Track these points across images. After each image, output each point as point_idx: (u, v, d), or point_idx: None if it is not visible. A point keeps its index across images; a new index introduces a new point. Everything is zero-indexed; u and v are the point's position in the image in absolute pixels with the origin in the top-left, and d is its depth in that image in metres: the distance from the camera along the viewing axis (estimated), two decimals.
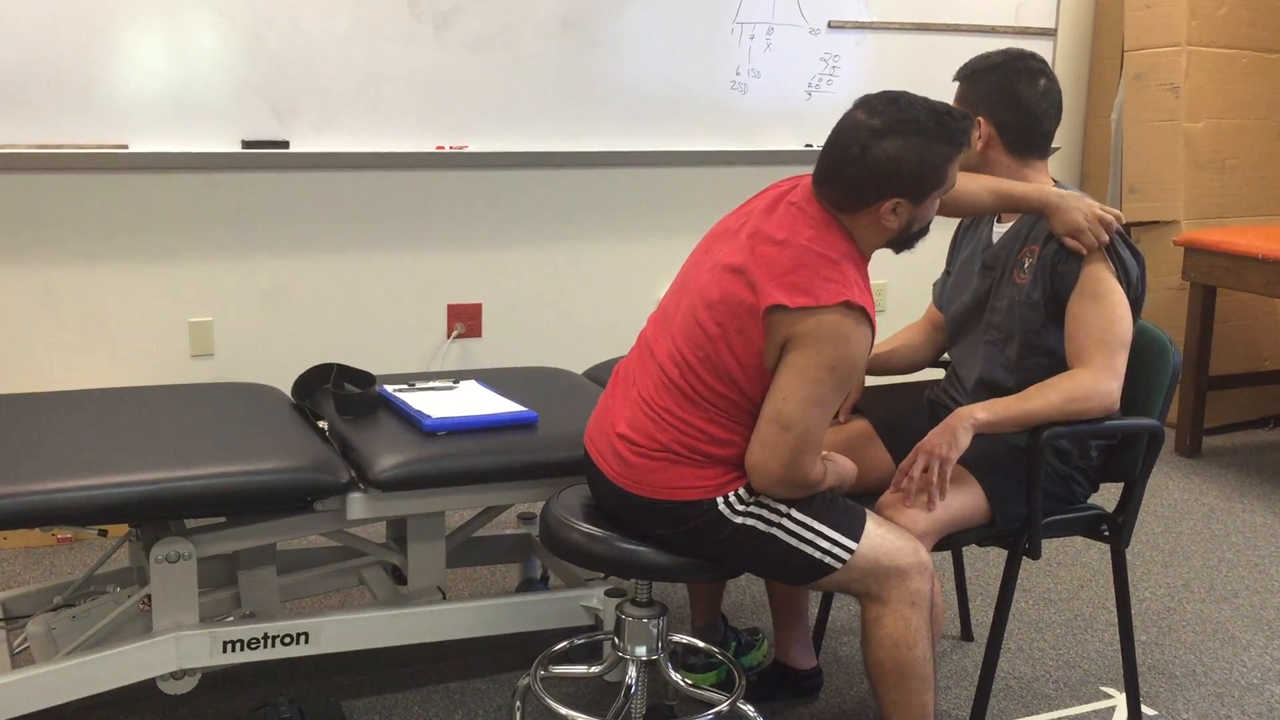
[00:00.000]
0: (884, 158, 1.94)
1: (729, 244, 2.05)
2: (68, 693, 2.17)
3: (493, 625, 2.48)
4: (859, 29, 4.04)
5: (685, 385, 2.02)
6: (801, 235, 1.98)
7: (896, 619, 2.05)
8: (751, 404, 2.00)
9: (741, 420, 2.01)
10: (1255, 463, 4.27)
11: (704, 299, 2.03)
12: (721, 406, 2.00)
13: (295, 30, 3.34)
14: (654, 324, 2.15)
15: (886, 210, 1.98)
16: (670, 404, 2.03)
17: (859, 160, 1.94)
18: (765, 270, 1.96)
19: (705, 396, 2.00)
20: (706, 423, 2.01)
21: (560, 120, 3.70)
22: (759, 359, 1.96)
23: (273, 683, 2.59)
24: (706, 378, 2.00)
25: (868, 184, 1.95)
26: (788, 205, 2.03)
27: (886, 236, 2.03)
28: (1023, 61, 2.32)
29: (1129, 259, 2.22)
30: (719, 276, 2.02)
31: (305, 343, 3.60)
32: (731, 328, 1.98)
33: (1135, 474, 2.34)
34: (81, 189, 3.28)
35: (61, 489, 2.07)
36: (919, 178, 1.96)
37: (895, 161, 1.94)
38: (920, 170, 1.95)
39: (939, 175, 1.98)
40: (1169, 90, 4.40)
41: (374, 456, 2.30)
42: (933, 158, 1.96)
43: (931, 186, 1.99)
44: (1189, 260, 4.18)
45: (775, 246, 1.98)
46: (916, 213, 2.01)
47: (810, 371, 1.92)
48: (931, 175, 1.97)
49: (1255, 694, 2.69)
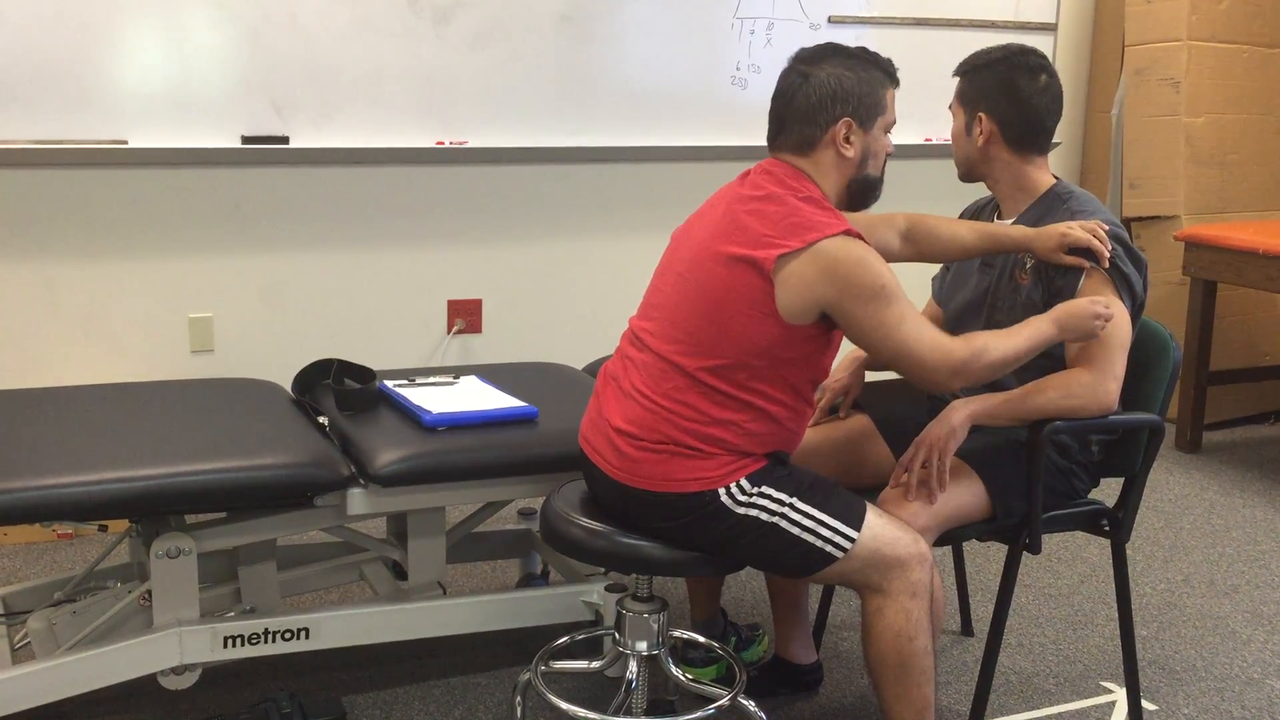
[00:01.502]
0: (826, 77, 2.06)
1: (707, 221, 2.10)
2: (68, 688, 2.17)
3: (493, 620, 2.48)
4: (859, 24, 4.04)
5: (682, 363, 2.02)
6: (781, 187, 2.04)
7: (897, 610, 2.05)
8: (752, 365, 2.00)
9: (740, 392, 2.01)
10: (1256, 458, 4.27)
11: (695, 271, 2.04)
12: (721, 379, 2.00)
13: (295, 25, 3.34)
14: (638, 318, 2.16)
15: (840, 136, 2.06)
16: (668, 388, 2.03)
17: (802, 88, 2.07)
18: (762, 222, 2.01)
19: (714, 372, 2.00)
20: (707, 403, 2.01)
21: (560, 115, 3.70)
22: (771, 308, 1.98)
23: (273, 678, 2.59)
24: (716, 350, 2.00)
25: (817, 109, 2.06)
26: (757, 173, 2.11)
27: (847, 173, 2.10)
28: (1023, 57, 2.32)
29: (1131, 272, 2.22)
30: (708, 246, 2.04)
31: (305, 338, 3.60)
32: (736, 287, 1.99)
33: (1136, 469, 2.34)
34: (81, 185, 3.28)
35: (62, 484, 2.07)
36: (861, 96, 2.06)
37: (837, 78, 2.06)
38: (861, 89, 2.06)
39: (879, 99, 2.09)
40: (1170, 85, 4.40)
41: (374, 452, 2.30)
42: (870, 79, 2.08)
43: (876, 109, 2.09)
44: (1189, 255, 4.18)
45: (761, 201, 2.04)
46: (868, 141, 2.09)
47: (872, 313, 1.98)
48: (872, 96, 2.08)
49: (1255, 689, 2.69)
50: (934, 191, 4.20)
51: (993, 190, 2.43)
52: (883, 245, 2.34)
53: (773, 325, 1.98)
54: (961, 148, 2.38)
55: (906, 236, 2.37)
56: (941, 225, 2.36)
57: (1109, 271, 2.20)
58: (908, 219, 2.38)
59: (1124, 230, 2.27)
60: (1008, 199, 2.40)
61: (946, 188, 3.01)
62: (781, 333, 1.99)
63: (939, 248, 2.36)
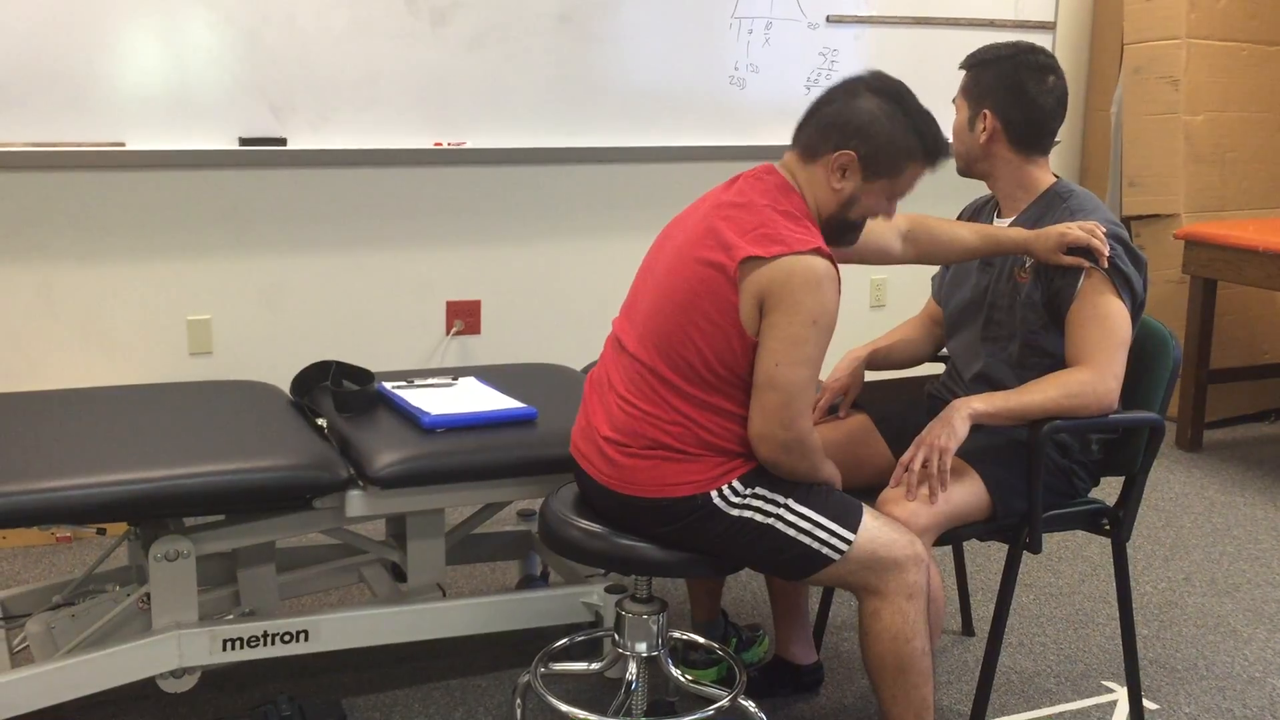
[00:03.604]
0: (864, 109, 2.00)
1: (686, 224, 2.09)
2: (67, 691, 2.16)
3: (493, 622, 2.48)
4: (858, 23, 4.03)
5: (664, 370, 2.01)
6: (762, 198, 2.02)
7: (894, 612, 2.05)
8: (732, 375, 1.99)
9: (711, 395, 2.00)
10: (1256, 456, 4.27)
11: (670, 276, 2.04)
12: (703, 384, 1.99)
13: (292, 27, 3.34)
14: (620, 323, 2.15)
15: (837, 164, 2.01)
16: (647, 392, 2.02)
17: (839, 101, 2.02)
18: (733, 228, 1.99)
19: (685, 377, 2.00)
20: (686, 405, 2.00)
21: (558, 116, 3.70)
22: (735, 319, 1.96)
23: (272, 681, 2.58)
24: (684, 355, 1.99)
25: (835, 126, 2.01)
26: (745, 178, 2.08)
27: (829, 203, 2.05)
28: (1032, 56, 2.30)
29: (1131, 272, 2.22)
30: (683, 250, 2.03)
31: (304, 340, 3.59)
32: (703, 293, 1.98)
33: (1136, 468, 2.34)
34: (79, 187, 3.28)
35: (60, 487, 2.06)
36: (880, 147, 1.99)
37: (871, 117, 1.99)
38: (887, 142, 1.99)
39: (898, 164, 2.02)
40: (1169, 83, 4.40)
41: (373, 454, 2.30)
42: (904, 143, 2.00)
43: (887, 166, 2.02)
44: (1189, 254, 4.18)
45: (737, 209, 2.02)
46: (861, 189, 2.03)
47: (794, 331, 1.93)
48: (893, 155, 2.01)
49: (1257, 687, 2.68)
50: (933, 191, 4.18)
51: (992, 188, 2.42)
52: (883, 247, 2.34)
53: (735, 337, 1.97)
54: (963, 142, 2.37)
55: (907, 237, 2.36)
56: (941, 226, 2.36)
57: (1108, 271, 2.20)
58: (908, 220, 2.37)
59: (1124, 229, 2.27)
60: (1007, 197, 2.39)
61: (945, 187, 3.01)
62: (744, 345, 1.97)
63: (939, 249, 2.36)
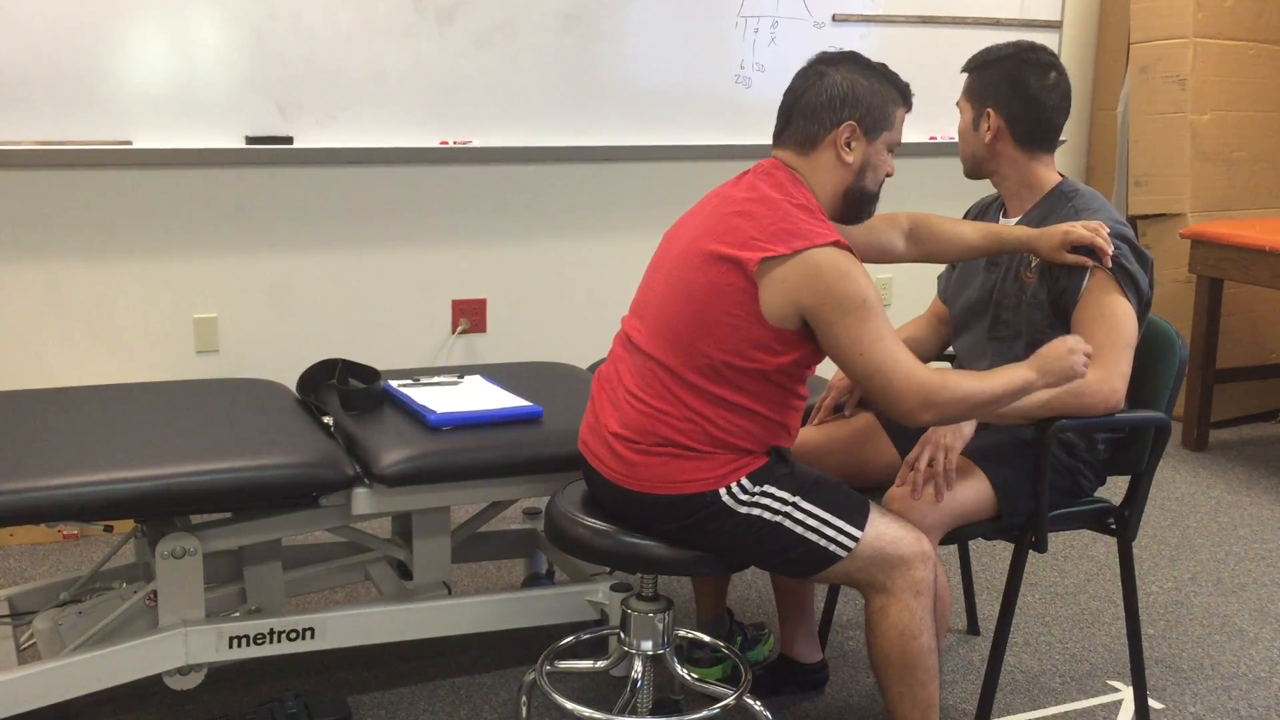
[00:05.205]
0: (839, 80, 2.05)
1: (695, 220, 2.09)
2: (74, 688, 2.17)
3: (498, 620, 2.48)
4: (864, 22, 4.03)
5: (677, 365, 2.01)
6: (777, 192, 2.03)
7: (901, 609, 2.05)
8: (750, 365, 1.99)
9: (726, 390, 2.00)
10: (1262, 456, 4.26)
11: (681, 271, 2.04)
12: (706, 378, 1.99)
13: (299, 26, 3.34)
14: (629, 316, 2.15)
15: (843, 140, 2.05)
16: (658, 389, 2.02)
17: (815, 86, 2.06)
18: (752, 224, 1.99)
19: (700, 371, 1.99)
20: (698, 401, 2.00)
21: (564, 115, 3.70)
22: (754, 310, 1.96)
23: (278, 678, 2.59)
24: (700, 349, 1.99)
25: (825, 107, 2.05)
26: (752, 175, 2.09)
27: (844, 181, 2.08)
28: (1033, 54, 2.31)
29: (1136, 271, 2.21)
30: (694, 246, 2.03)
31: (310, 338, 3.60)
32: (721, 287, 1.97)
33: (1142, 467, 2.34)
34: (85, 186, 3.28)
35: (67, 485, 2.07)
36: (871, 106, 2.05)
37: (850, 83, 2.05)
38: (872, 99, 2.05)
39: (889, 114, 2.08)
40: (1175, 82, 4.39)
41: (379, 452, 2.30)
42: (884, 92, 2.07)
43: (883, 122, 2.07)
44: (1195, 253, 4.17)
45: (754, 204, 2.02)
46: (870, 152, 2.07)
47: (850, 321, 1.94)
48: (882, 109, 2.06)
49: (1263, 687, 2.68)
50: (939, 190, 4.20)
51: (998, 187, 2.42)
52: (886, 245, 2.34)
53: (756, 327, 1.97)
54: (968, 143, 2.37)
55: (910, 236, 2.36)
56: (945, 225, 2.36)
57: (1114, 270, 2.19)
58: (911, 218, 2.37)
59: (1130, 228, 2.27)
60: (1013, 196, 2.39)
61: (951, 186, 3.02)
62: (766, 334, 1.97)
63: (943, 247, 2.36)
